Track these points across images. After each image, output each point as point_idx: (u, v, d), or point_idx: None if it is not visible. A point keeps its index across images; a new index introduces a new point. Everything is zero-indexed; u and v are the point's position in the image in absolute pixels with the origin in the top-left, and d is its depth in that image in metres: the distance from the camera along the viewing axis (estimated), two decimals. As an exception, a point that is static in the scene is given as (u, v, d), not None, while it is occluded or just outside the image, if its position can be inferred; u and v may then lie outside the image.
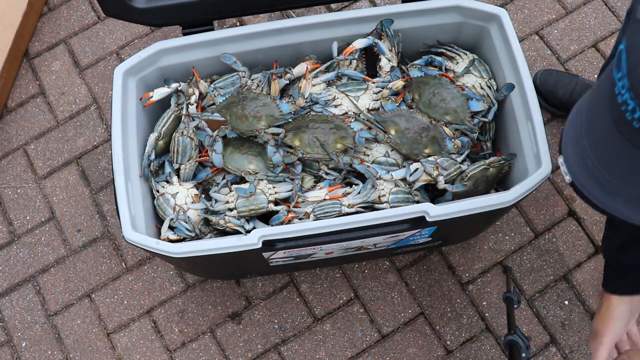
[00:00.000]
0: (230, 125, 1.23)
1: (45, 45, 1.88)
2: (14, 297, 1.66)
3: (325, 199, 1.20)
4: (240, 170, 1.25)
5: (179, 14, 1.25)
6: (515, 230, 1.67)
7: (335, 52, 1.31)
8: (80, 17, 1.90)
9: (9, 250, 1.70)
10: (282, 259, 1.32)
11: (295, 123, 1.25)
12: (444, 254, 1.65)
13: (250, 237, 1.12)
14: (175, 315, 1.63)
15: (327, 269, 1.65)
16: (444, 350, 1.59)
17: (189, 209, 1.26)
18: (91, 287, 1.66)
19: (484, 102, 1.29)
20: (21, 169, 1.77)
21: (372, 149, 1.25)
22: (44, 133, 1.80)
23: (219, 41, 1.28)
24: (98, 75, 1.84)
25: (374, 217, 1.13)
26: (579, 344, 1.58)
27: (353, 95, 1.30)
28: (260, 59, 1.34)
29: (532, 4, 1.86)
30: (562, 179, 1.70)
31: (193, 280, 1.66)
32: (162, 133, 1.30)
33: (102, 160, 1.77)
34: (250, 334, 1.61)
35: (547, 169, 1.15)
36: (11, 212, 1.73)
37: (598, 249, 1.65)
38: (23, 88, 1.84)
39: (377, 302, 1.62)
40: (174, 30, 1.85)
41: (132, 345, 1.62)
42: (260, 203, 1.21)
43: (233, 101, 1.26)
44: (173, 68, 1.31)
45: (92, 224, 1.71)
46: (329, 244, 1.20)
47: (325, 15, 1.27)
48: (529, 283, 1.63)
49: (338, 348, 1.59)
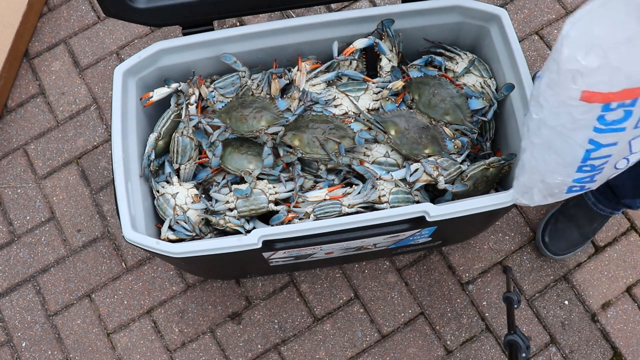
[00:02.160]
0: (231, 128, 1.24)
1: (45, 45, 1.88)
2: (14, 297, 1.66)
3: (325, 199, 1.20)
4: (240, 170, 1.25)
5: (179, 14, 1.25)
6: (515, 230, 1.67)
7: (335, 52, 1.31)
8: (80, 17, 1.90)
9: (9, 250, 1.70)
10: (282, 259, 1.32)
11: (295, 123, 1.25)
12: (444, 254, 1.65)
13: (250, 237, 1.12)
14: (175, 315, 1.63)
15: (327, 269, 1.65)
16: (444, 350, 1.59)
17: (189, 209, 1.26)
18: (91, 287, 1.66)
19: (484, 99, 1.29)
20: (21, 169, 1.77)
21: (372, 150, 1.25)
22: (44, 133, 1.80)
23: (219, 41, 1.28)
24: (98, 75, 1.84)
25: (374, 217, 1.13)
26: (579, 344, 1.58)
27: (353, 96, 1.30)
28: (260, 58, 1.34)
29: (532, 4, 1.86)
30: (562, 179, 1.70)
31: (193, 280, 1.66)
32: (162, 133, 1.30)
33: (102, 160, 1.77)
34: (250, 334, 1.61)
35: (547, 169, 1.14)
36: (11, 212, 1.73)
37: (598, 249, 1.65)
38: (23, 88, 1.84)
39: (377, 302, 1.62)
40: (174, 30, 1.85)
41: (132, 345, 1.62)
42: (261, 203, 1.21)
43: (232, 105, 1.26)
44: (173, 68, 1.31)
45: (92, 224, 1.71)
46: (329, 244, 1.20)
47: (325, 15, 1.27)
48: (529, 283, 1.63)
49: (338, 348, 1.59)
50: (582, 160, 0.95)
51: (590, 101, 0.83)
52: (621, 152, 0.95)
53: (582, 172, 0.99)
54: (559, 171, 0.99)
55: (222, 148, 1.26)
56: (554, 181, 1.01)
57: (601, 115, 0.86)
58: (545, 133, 0.94)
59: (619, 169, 1.00)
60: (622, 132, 0.88)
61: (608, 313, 1.60)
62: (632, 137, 0.91)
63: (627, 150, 0.95)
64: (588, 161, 0.96)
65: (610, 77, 0.80)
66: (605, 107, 0.84)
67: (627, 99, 0.83)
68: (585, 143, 0.91)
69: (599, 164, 0.97)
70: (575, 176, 1.00)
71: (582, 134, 0.90)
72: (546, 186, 1.03)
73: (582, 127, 0.89)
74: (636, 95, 0.82)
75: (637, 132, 0.91)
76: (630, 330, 1.59)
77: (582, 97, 0.83)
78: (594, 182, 1.03)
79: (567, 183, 1.02)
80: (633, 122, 0.88)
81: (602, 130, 0.89)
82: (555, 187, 1.02)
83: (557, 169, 0.99)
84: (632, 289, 1.62)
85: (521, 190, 1.06)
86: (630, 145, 0.93)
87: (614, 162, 0.98)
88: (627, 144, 0.93)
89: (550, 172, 1.00)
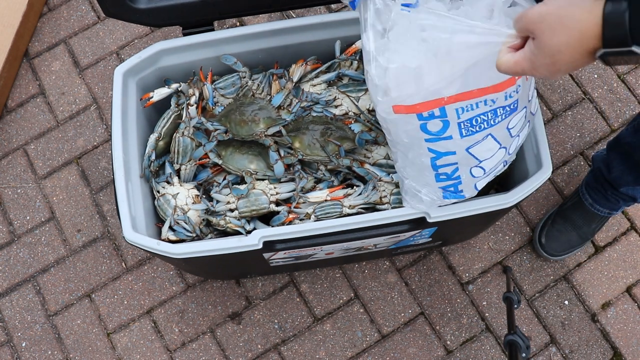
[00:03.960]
0: (231, 132, 1.24)
1: (45, 45, 1.87)
2: (14, 297, 1.66)
3: (326, 199, 1.20)
4: (241, 170, 1.25)
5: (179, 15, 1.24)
6: (515, 230, 1.67)
7: (338, 52, 1.31)
8: (80, 17, 1.90)
9: (9, 250, 1.70)
10: (282, 260, 1.32)
11: (296, 124, 1.25)
12: (444, 254, 1.66)
13: (250, 237, 1.12)
14: (175, 315, 1.63)
15: (327, 269, 1.65)
16: (444, 350, 1.59)
17: (190, 209, 1.25)
18: (91, 287, 1.66)
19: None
20: (21, 169, 1.77)
21: (372, 151, 1.25)
22: (44, 133, 1.79)
23: (219, 41, 1.28)
24: (98, 75, 1.84)
25: (375, 218, 1.13)
26: (579, 344, 1.58)
27: (354, 96, 1.30)
28: (261, 59, 1.34)
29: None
30: (562, 179, 1.71)
31: (193, 280, 1.66)
32: (163, 133, 1.30)
33: (102, 160, 1.77)
34: (250, 334, 1.61)
35: (548, 170, 1.15)
36: (11, 212, 1.73)
37: (598, 249, 1.65)
38: (23, 88, 1.84)
39: (377, 302, 1.63)
40: (174, 30, 1.85)
41: (132, 345, 1.62)
42: (262, 203, 1.21)
43: (231, 109, 1.26)
44: (173, 68, 1.31)
45: (92, 224, 1.71)
46: (330, 245, 1.20)
47: (326, 16, 1.27)
48: (529, 283, 1.63)
49: (338, 348, 1.60)
50: (433, 167, 1.00)
51: (398, 112, 0.91)
52: (468, 161, 0.99)
53: (442, 181, 1.03)
54: (422, 179, 1.05)
55: (223, 148, 1.26)
56: (424, 188, 1.07)
57: (422, 124, 0.92)
58: (399, 148, 1.02)
59: (477, 177, 1.03)
60: (450, 140, 0.94)
61: (608, 313, 1.60)
62: (467, 145, 0.96)
63: (471, 158, 0.98)
64: (439, 169, 1.01)
65: (407, 92, 0.88)
66: (420, 117, 0.91)
67: (424, 111, 0.90)
68: (427, 151, 0.97)
69: (450, 171, 1.01)
70: (438, 184, 1.04)
71: (419, 143, 0.96)
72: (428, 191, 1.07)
73: (415, 137, 0.95)
74: (430, 108, 0.89)
75: (469, 140, 0.95)
76: (630, 330, 1.59)
77: (394, 110, 0.91)
78: (461, 193, 1.06)
79: (436, 189, 1.06)
80: (456, 132, 0.93)
81: (433, 140, 0.95)
82: (431, 193, 1.07)
83: (420, 177, 1.04)
84: (632, 289, 1.62)
85: (411, 194, 1.10)
86: (472, 154, 0.98)
87: (467, 170, 1.01)
88: (466, 153, 0.97)
89: (417, 180, 1.06)
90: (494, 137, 0.97)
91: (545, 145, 1.16)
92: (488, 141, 0.96)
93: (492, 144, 0.98)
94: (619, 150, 1.38)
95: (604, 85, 1.77)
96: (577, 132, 1.74)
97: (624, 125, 1.73)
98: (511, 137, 1.00)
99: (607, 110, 1.75)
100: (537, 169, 1.16)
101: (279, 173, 1.21)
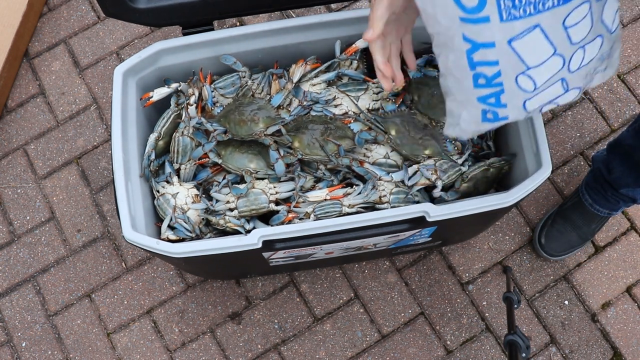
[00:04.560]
0: (231, 132, 1.24)
1: (45, 45, 1.88)
2: (14, 297, 1.66)
3: (325, 199, 1.20)
4: (240, 170, 1.26)
5: (179, 14, 1.24)
6: (515, 230, 1.67)
7: (338, 51, 1.31)
8: (80, 17, 1.90)
9: (9, 250, 1.70)
10: (282, 259, 1.32)
11: (295, 124, 1.25)
12: (444, 254, 1.65)
13: (250, 237, 1.12)
14: (175, 315, 1.63)
15: (327, 269, 1.65)
16: (444, 350, 1.59)
17: (189, 209, 1.26)
18: (91, 287, 1.67)
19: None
20: (21, 169, 1.77)
21: (372, 151, 1.25)
22: (44, 133, 1.80)
23: (219, 41, 1.28)
24: (98, 75, 1.84)
25: (374, 217, 1.13)
26: (579, 344, 1.58)
27: (353, 95, 1.30)
28: (261, 59, 1.34)
29: None
30: (562, 179, 1.71)
31: (193, 280, 1.66)
32: (162, 133, 1.30)
33: (102, 160, 1.77)
34: (250, 334, 1.61)
35: (548, 169, 1.15)
36: (11, 212, 1.73)
37: (598, 249, 1.65)
38: (23, 88, 1.84)
39: (377, 302, 1.62)
40: (174, 30, 1.85)
41: (132, 345, 1.62)
42: (261, 203, 1.21)
43: (230, 109, 1.26)
44: (173, 68, 1.31)
45: (92, 224, 1.71)
46: (330, 244, 1.20)
47: (326, 15, 1.27)
48: (529, 283, 1.63)
49: (338, 348, 1.60)
50: (470, 64, 0.83)
51: None
52: (511, 62, 0.82)
53: (480, 88, 0.86)
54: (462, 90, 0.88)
55: (223, 147, 1.26)
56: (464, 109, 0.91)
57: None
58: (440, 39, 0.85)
59: (526, 91, 0.85)
60: (488, 23, 0.78)
61: (608, 313, 1.60)
62: (509, 36, 0.79)
63: (516, 59, 0.81)
64: (477, 67, 0.83)
65: None
66: None
67: None
68: (462, 42, 0.81)
69: (490, 74, 0.83)
70: (476, 93, 0.87)
71: (454, 27, 0.81)
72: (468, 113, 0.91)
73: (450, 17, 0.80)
74: None
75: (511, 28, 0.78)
76: (630, 330, 1.59)
77: None
78: (504, 107, 0.87)
79: (474, 104, 0.88)
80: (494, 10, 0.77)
81: (467, 20, 0.78)
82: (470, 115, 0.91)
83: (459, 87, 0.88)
84: (632, 289, 1.62)
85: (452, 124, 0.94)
86: (517, 52, 0.80)
87: (511, 77, 0.84)
88: (509, 49, 0.80)
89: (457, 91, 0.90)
90: (544, 32, 0.79)
91: (545, 143, 1.16)
92: (536, 35, 0.79)
93: (543, 42, 0.80)
94: (619, 152, 1.38)
95: (604, 85, 1.77)
96: (577, 132, 1.74)
97: (624, 125, 1.73)
98: (571, 44, 0.82)
99: (607, 110, 1.75)
100: (536, 168, 1.16)
101: (280, 172, 1.21)
